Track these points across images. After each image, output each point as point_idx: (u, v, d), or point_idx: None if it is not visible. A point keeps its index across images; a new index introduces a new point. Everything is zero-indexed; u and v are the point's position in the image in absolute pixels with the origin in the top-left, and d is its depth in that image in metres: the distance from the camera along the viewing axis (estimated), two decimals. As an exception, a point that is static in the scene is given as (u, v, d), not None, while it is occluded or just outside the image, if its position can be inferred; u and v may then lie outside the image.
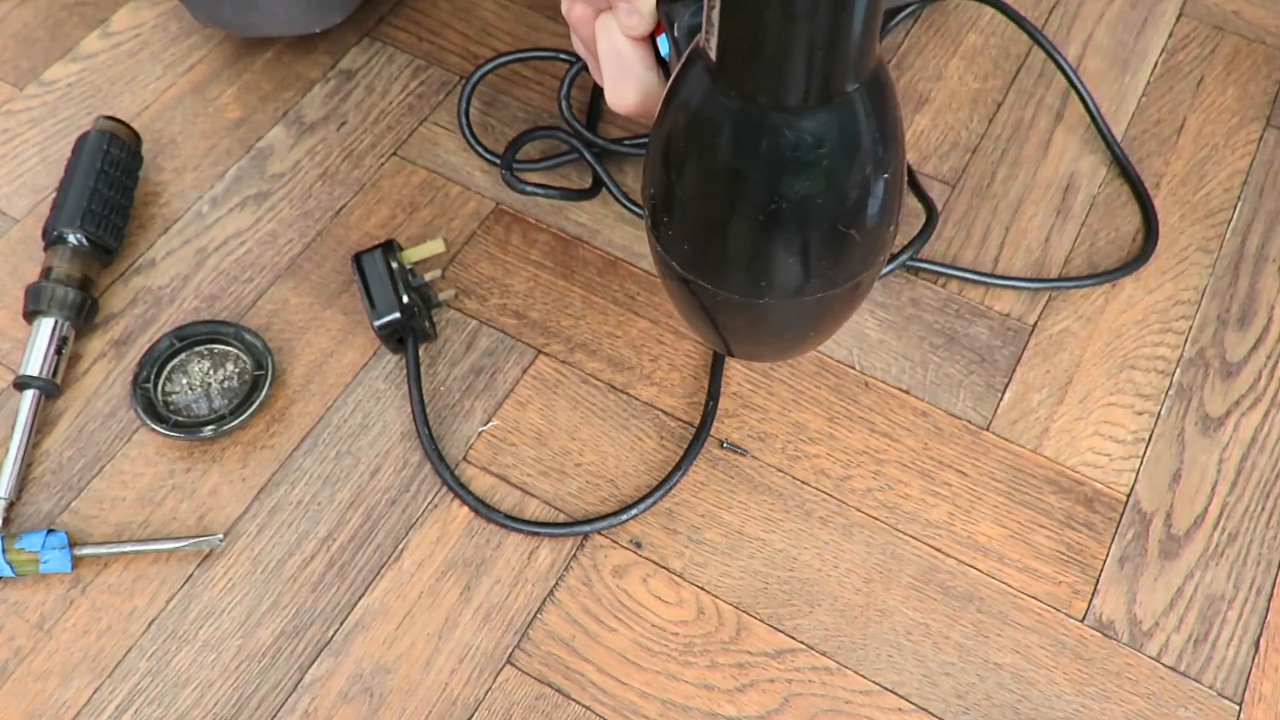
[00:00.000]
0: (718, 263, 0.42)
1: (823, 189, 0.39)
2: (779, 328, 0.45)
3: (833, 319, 0.46)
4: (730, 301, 0.43)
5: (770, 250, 0.41)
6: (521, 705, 0.49)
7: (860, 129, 0.38)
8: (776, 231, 0.40)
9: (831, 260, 0.41)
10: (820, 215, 0.40)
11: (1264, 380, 0.59)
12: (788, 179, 0.39)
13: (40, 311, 0.56)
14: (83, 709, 0.49)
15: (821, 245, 0.41)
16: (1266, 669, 0.51)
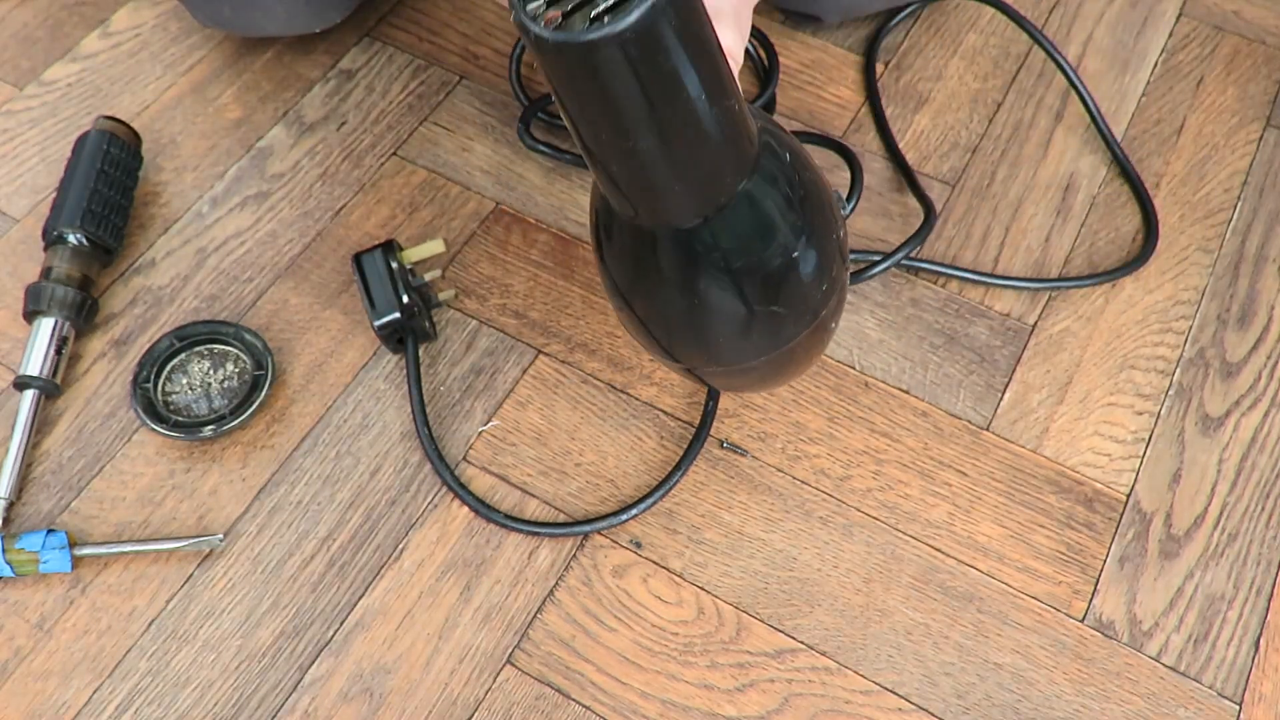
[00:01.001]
0: (667, 346, 0.44)
1: (734, 287, 0.41)
2: (744, 382, 0.47)
3: (802, 360, 0.47)
4: (690, 369, 0.46)
5: (704, 337, 0.43)
6: (521, 705, 0.49)
7: (761, 219, 0.40)
8: (705, 323, 0.42)
9: (767, 332, 0.43)
10: (740, 306, 0.41)
11: (1264, 380, 0.59)
12: (701, 285, 0.40)
13: (40, 311, 0.56)
14: (83, 709, 0.49)
15: (751, 325, 0.42)
16: (1266, 669, 0.51)
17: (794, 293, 0.42)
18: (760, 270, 0.41)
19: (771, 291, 0.41)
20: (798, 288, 0.42)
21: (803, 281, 0.42)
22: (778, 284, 0.41)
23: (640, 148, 0.35)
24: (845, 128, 0.68)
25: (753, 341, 0.43)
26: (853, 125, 0.68)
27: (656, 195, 0.38)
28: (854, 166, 0.58)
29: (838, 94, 0.69)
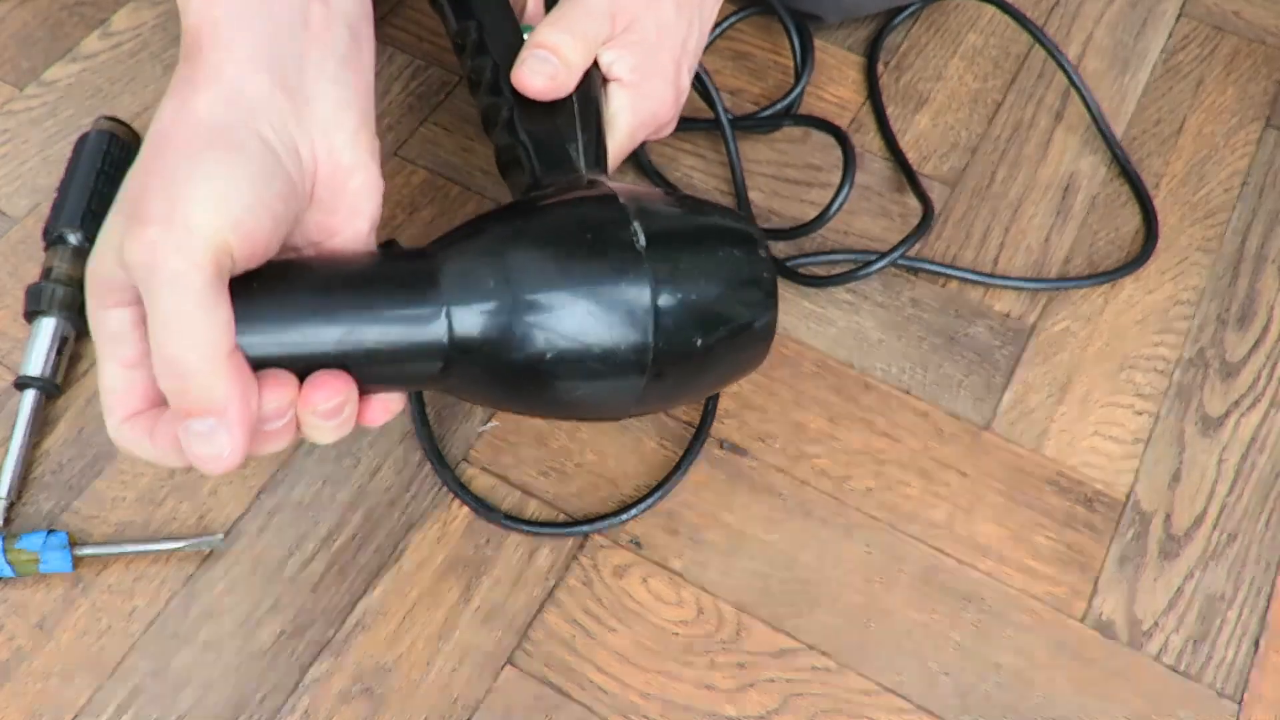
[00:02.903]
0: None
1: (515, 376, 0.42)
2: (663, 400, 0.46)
3: (704, 383, 0.46)
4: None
5: (564, 410, 0.44)
6: (521, 705, 0.49)
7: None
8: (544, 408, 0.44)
9: (593, 398, 0.43)
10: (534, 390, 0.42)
11: (1264, 380, 0.59)
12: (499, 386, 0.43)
13: (40, 311, 0.56)
14: (83, 709, 0.49)
15: (567, 396, 0.43)
16: (1266, 669, 0.51)
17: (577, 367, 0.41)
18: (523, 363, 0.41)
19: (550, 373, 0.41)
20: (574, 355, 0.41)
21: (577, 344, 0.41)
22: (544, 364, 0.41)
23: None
24: (845, 127, 0.68)
25: (602, 404, 0.43)
26: (853, 125, 0.68)
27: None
28: (846, 147, 0.58)
29: (838, 94, 0.69)
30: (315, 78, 0.40)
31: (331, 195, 0.41)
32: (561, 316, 0.40)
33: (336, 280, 0.39)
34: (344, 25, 0.42)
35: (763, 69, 0.70)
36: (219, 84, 0.38)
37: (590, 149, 0.48)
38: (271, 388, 0.37)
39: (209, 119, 0.37)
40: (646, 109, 0.51)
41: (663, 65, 0.51)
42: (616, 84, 0.50)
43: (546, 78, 0.48)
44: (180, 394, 0.36)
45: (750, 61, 0.70)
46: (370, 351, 0.39)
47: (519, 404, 0.44)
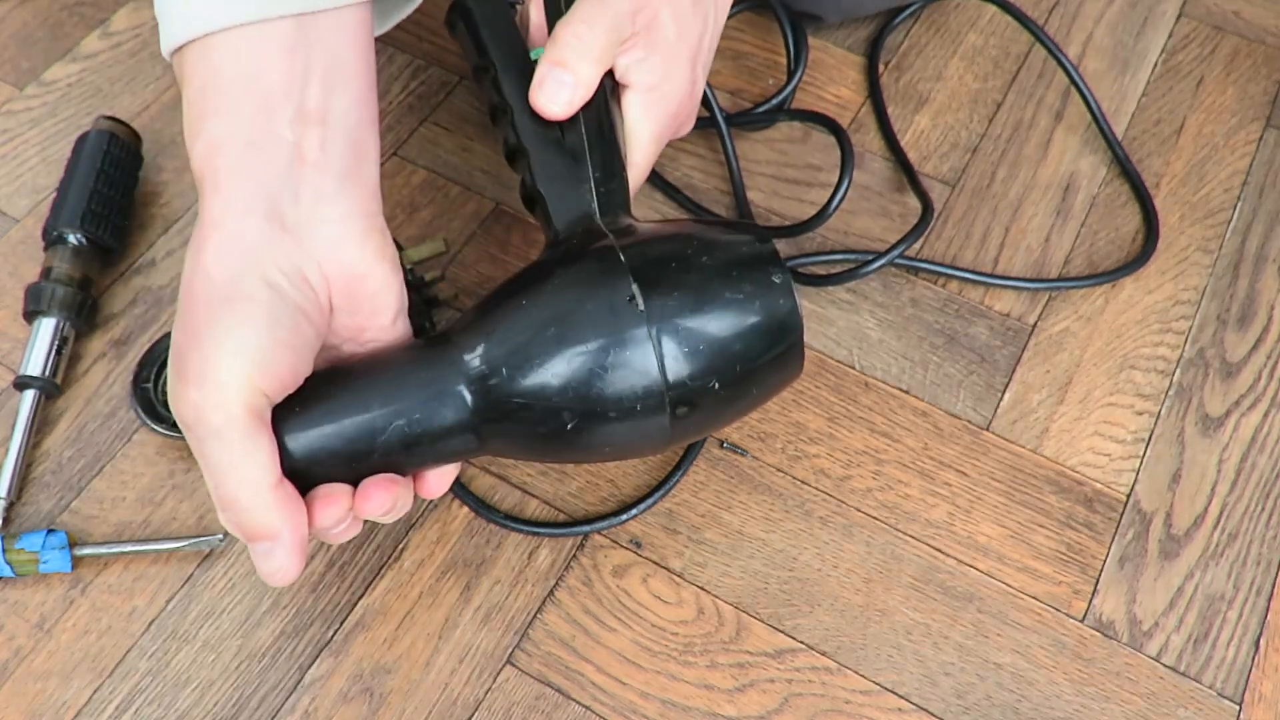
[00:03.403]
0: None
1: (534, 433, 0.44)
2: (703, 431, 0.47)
3: (730, 412, 0.46)
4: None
5: (598, 455, 0.45)
6: (521, 705, 0.49)
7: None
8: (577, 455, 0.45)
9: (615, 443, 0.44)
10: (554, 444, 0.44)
11: (1264, 380, 0.59)
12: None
13: (40, 311, 0.56)
14: (83, 709, 0.49)
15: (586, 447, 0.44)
16: (1266, 669, 0.51)
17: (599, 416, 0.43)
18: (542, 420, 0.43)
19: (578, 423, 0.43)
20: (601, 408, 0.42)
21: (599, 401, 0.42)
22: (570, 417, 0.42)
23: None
24: (845, 127, 0.68)
25: (633, 445, 0.45)
26: (853, 125, 0.68)
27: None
28: (843, 140, 0.58)
29: (838, 94, 0.69)
30: (313, 203, 0.42)
31: (351, 301, 0.43)
32: (573, 386, 0.42)
33: (365, 384, 0.42)
34: (343, 139, 0.43)
35: (761, 69, 0.70)
36: (221, 235, 0.41)
37: (605, 185, 0.47)
38: (324, 507, 0.41)
39: (218, 274, 0.40)
40: (665, 112, 0.50)
41: (680, 64, 0.50)
42: (632, 90, 0.49)
43: (561, 105, 0.47)
44: (238, 526, 0.40)
45: (749, 61, 0.70)
46: (407, 441, 0.42)
47: (563, 460, 0.46)
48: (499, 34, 0.51)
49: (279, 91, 0.41)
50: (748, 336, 0.43)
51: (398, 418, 0.42)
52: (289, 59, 0.41)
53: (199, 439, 0.40)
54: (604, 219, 0.46)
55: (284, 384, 0.41)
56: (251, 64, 0.41)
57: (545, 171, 0.48)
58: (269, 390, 0.40)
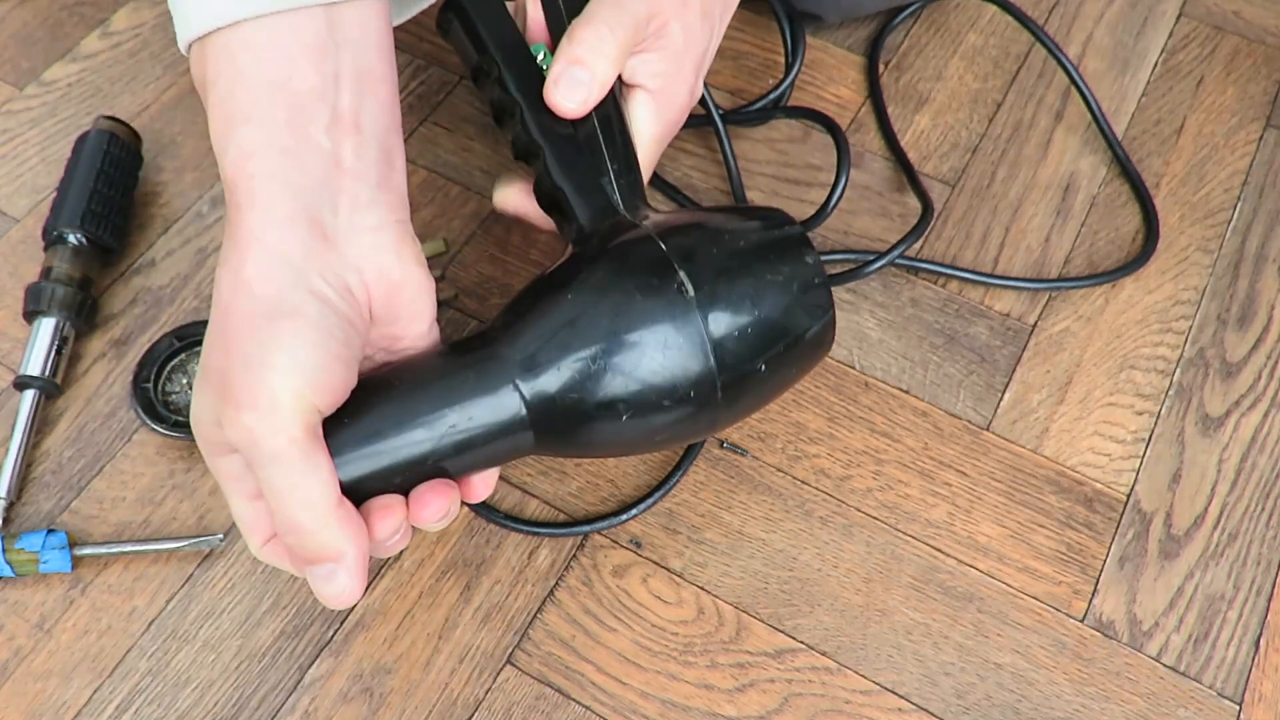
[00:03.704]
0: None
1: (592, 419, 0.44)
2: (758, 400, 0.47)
3: (778, 385, 0.47)
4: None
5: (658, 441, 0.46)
6: (521, 705, 0.49)
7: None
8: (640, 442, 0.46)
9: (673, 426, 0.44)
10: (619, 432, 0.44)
11: (1264, 380, 0.59)
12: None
13: (40, 311, 0.56)
14: (83, 709, 0.49)
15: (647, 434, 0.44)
16: (1266, 669, 0.51)
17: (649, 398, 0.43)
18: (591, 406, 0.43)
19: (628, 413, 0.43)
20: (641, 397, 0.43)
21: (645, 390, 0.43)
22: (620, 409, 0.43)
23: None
24: (846, 127, 0.68)
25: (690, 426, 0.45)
26: (853, 125, 0.68)
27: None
28: (838, 137, 0.58)
29: (838, 94, 0.69)
30: (350, 212, 0.41)
31: (390, 309, 0.42)
32: (627, 377, 0.42)
33: (416, 394, 0.42)
34: (376, 146, 0.42)
35: (760, 69, 0.70)
36: (262, 249, 0.40)
37: (623, 177, 0.48)
38: (382, 519, 0.41)
39: (262, 290, 0.39)
40: (669, 117, 0.50)
41: (685, 72, 0.50)
42: (641, 90, 0.49)
43: (578, 101, 0.47)
44: (300, 548, 0.40)
45: (748, 61, 0.70)
46: (459, 445, 0.42)
47: (612, 453, 0.47)
48: (499, 31, 0.50)
49: (312, 96, 0.40)
50: (788, 316, 0.44)
51: (452, 424, 0.42)
52: (318, 61, 0.40)
53: (257, 464, 0.38)
54: (627, 209, 0.47)
55: (336, 398, 0.40)
56: (280, 66, 0.40)
57: (563, 167, 0.47)
58: (323, 406, 0.39)
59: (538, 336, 0.43)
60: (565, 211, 0.47)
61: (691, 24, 0.49)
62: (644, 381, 0.42)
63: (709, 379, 0.43)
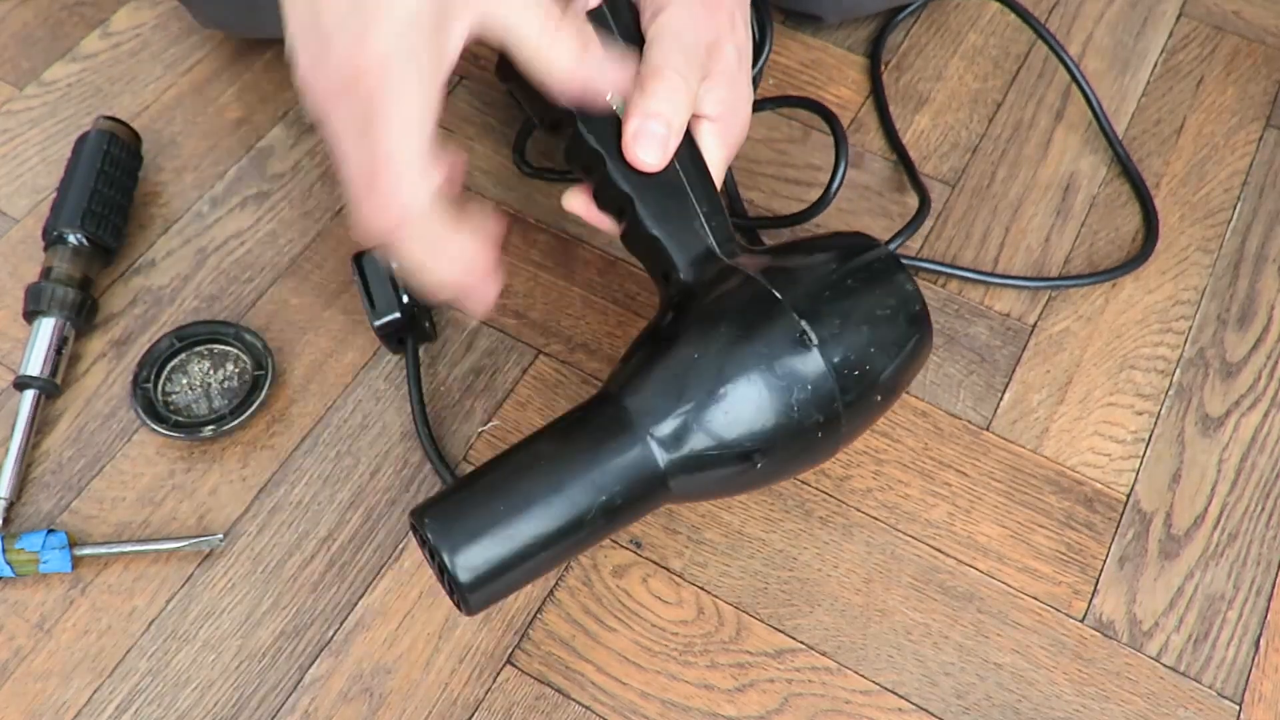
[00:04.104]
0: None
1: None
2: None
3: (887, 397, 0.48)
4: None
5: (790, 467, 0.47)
6: (521, 705, 0.49)
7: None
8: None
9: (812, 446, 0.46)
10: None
11: (1264, 380, 0.59)
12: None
13: (40, 311, 0.56)
14: (83, 709, 0.49)
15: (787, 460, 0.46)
16: (1266, 669, 0.51)
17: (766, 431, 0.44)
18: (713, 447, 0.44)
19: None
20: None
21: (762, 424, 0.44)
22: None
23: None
24: (846, 127, 0.68)
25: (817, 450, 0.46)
26: (853, 125, 0.68)
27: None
28: (836, 129, 0.57)
29: (838, 94, 0.69)
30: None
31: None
32: (763, 432, 0.43)
33: (544, 461, 0.42)
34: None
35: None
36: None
37: (713, 218, 0.48)
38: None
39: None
40: (734, 137, 0.50)
41: (743, 90, 0.49)
42: (706, 121, 0.48)
43: (660, 155, 0.46)
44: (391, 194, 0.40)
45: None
46: (606, 509, 0.43)
47: (740, 493, 0.49)
48: None
49: None
50: (898, 345, 0.46)
51: (600, 492, 0.42)
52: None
53: (384, 85, 0.38)
54: (722, 251, 0.47)
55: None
56: None
57: (656, 216, 0.47)
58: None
59: (670, 398, 0.43)
60: (661, 258, 0.47)
61: (742, 41, 0.49)
62: (779, 433, 0.43)
63: (835, 415, 0.44)
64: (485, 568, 0.40)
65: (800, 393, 0.43)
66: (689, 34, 0.46)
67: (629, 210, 0.47)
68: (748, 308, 0.44)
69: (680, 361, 0.44)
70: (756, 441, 0.43)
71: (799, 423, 0.44)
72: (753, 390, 0.43)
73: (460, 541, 0.40)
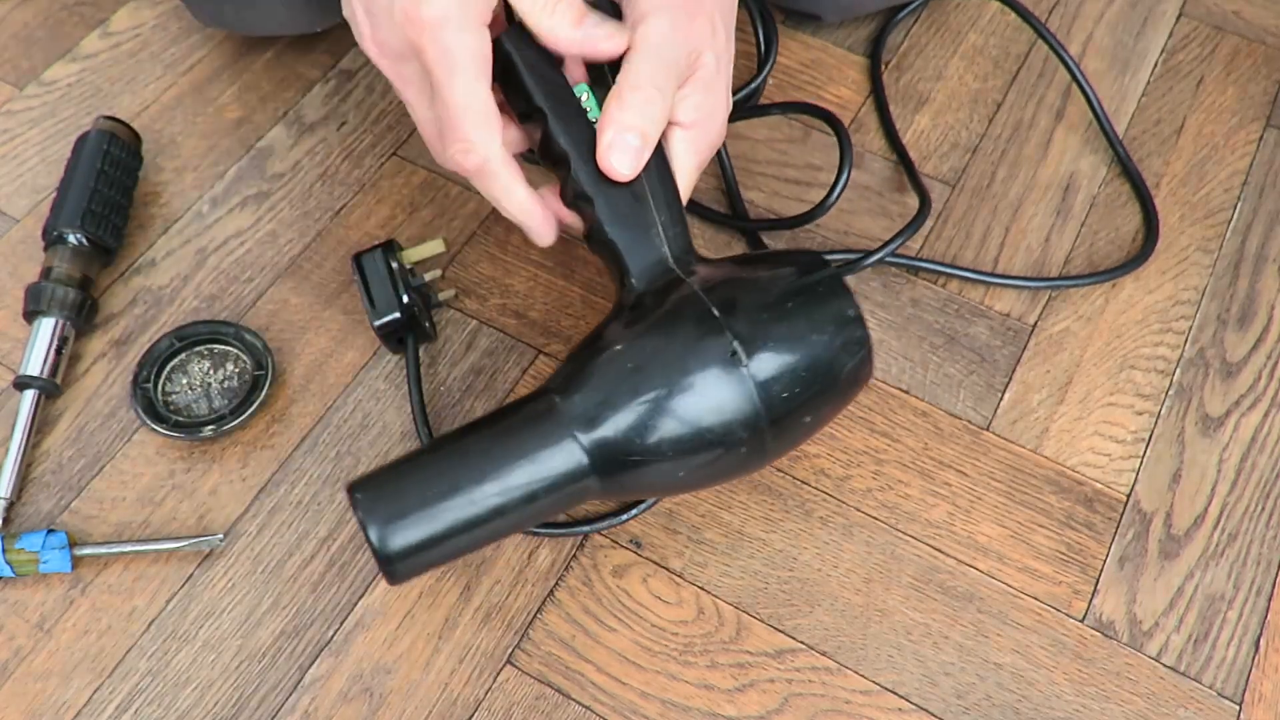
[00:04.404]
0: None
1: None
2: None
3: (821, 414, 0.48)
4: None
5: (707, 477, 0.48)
6: (521, 705, 0.49)
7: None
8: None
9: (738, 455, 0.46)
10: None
11: (1264, 380, 0.59)
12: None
13: (40, 311, 0.56)
14: (83, 709, 0.49)
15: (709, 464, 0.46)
16: (1266, 669, 0.51)
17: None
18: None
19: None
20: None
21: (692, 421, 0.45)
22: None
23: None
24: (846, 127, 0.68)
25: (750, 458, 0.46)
26: (853, 125, 0.68)
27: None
28: (840, 134, 0.57)
29: (838, 94, 0.69)
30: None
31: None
32: (683, 437, 0.44)
33: (486, 450, 0.44)
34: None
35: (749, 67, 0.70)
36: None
37: (671, 228, 0.48)
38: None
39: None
40: (707, 144, 0.50)
41: (719, 97, 0.50)
42: (679, 128, 0.49)
43: (632, 167, 0.47)
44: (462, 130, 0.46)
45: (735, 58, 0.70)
46: (529, 495, 0.44)
47: (672, 495, 0.51)
48: (543, 78, 0.49)
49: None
50: (833, 371, 0.46)
51: (521, 477, 0.44)
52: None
53: (446, 52, 0.43)
54: (676, 261, 0.48)
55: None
56: None
57: (615, 220, 0.48)
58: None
59: (595, 392, 0.45)
60: (618, 262, 0.48)
61: (721, 49, 0.49)
62: (698, 444, 0.44)
63: (760, 434, 0.45)
64: (405, 544, 0.43)
65: (725, 411, 0.44)
66: (668, 47, 0.47)
67: (589, 212, 0.48)
68: (685, 323, 0.45)
69: (613, 367, 0.45)
70: (678, 452, 0.45)
71: (721, 439, 0.44)
72: (678, 404, 0.44)
73: (385, 518, 0.43)
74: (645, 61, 0.46)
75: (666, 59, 0.47)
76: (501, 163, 0.47)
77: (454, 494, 0.43)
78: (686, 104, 0.48)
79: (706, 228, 0.63)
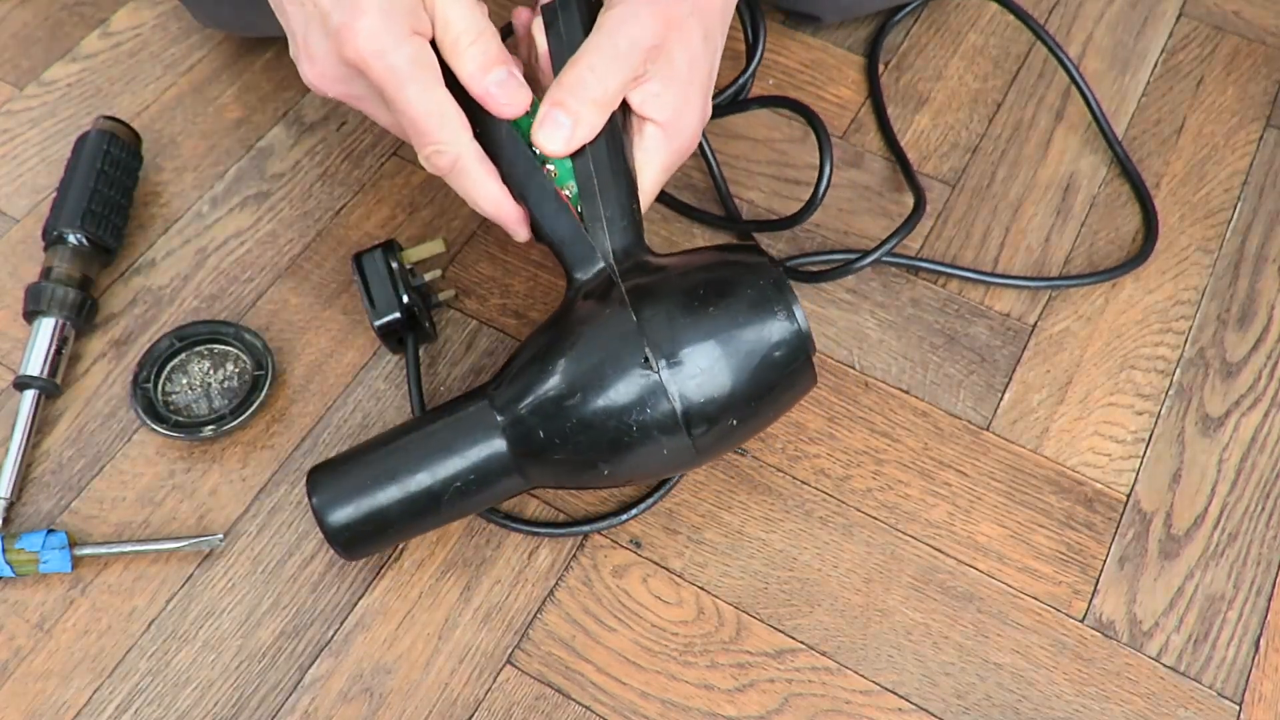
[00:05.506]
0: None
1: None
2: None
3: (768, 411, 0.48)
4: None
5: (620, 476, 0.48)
6: (521, 705, 0.49)
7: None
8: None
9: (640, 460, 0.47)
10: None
11: (1264, 380, 0.59)
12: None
13: (40, 311, 0.56)
14: (83, 709, 0.49)
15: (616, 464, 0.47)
16: (1266, 669, 0.51)
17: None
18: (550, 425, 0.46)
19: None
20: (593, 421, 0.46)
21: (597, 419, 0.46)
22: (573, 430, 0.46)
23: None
24: (845, 128, 0.68)
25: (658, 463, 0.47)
26: (853, 125, 0.68)
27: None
28: (818, 129, 0.56)
29: (838, 94, 0.69)
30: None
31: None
32: (603, 443, 0.45)
33: (414, 437, 0.48)
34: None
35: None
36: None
37: (617, 223, 0.48)
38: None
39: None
40: (678, 145, 0.50)
41: (692, 98, 0.50)
42: (649, 124, 0.49)
43: (562, 145, 0.47)
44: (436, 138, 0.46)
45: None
46: (455, 477, 0.47)
47: (611, 487, 0.53)
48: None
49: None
50: (760, 376, 0.46)
51: (444, 460, 0.47)
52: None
53: (389, 69, 0.44)
54: (622, 257, 0.48)
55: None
56: None
57: (553, 218, 0.48)
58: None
59: (521, 395, 0.46)
60: (561, 258, 0.48)
61: (694, 47, 0.49)
62: (617, 445, 0.45)
63: (682, 440, 0.45)
64: (346, 525, 0.47)
65: (640, 414, 0.45)
66: (623, 35, 0.47)
67: (526, 207, 0.49)
68: (605, 326, 0.45)
69: (540, 366, 0.46)
70: (599, 453, 0.46)
71: (639, 440, 0.45)
72: (596, 406, 0.45)
73: (331, 500, 0.47)
74: (594, 48, 0.47)
75: (618, 46, 0.47)
76: (474, 159, 0.47)
77: (390, 482, 0.47)
78: (658, 100, 0.48)
79: (705, 229, 0.63)
